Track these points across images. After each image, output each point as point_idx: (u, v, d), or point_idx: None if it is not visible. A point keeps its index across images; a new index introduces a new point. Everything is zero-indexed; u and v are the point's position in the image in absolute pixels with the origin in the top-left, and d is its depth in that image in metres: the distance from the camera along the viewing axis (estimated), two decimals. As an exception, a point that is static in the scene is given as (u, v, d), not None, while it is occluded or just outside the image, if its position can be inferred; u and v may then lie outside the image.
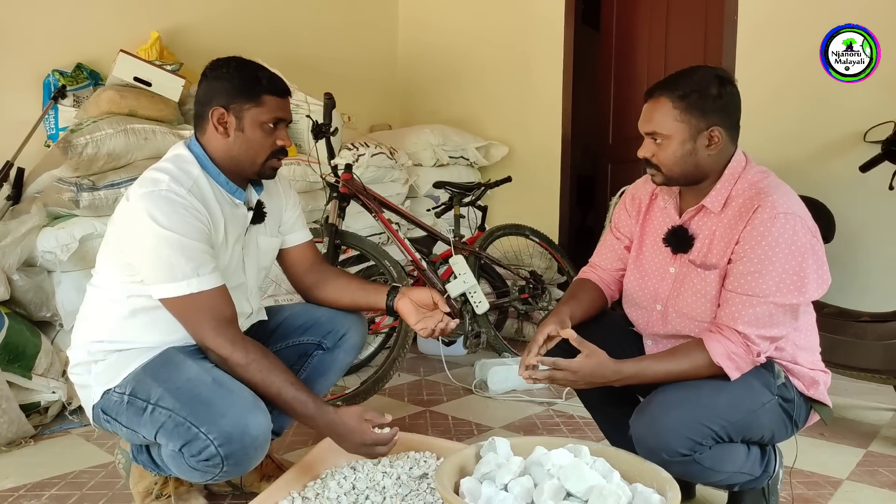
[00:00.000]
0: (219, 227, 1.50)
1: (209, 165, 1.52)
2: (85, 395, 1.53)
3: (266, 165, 1.55)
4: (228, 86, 1.49)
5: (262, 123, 1.50)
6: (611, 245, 1.70)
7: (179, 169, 1.48)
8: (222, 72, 1.50)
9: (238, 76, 1.49)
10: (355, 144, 3.30)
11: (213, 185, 1.52)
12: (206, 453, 1.33)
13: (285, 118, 1.54)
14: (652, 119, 1.44)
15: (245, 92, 1.48)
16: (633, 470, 1.29)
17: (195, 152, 1.53)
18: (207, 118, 1.51)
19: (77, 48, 3.01)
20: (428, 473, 1.59)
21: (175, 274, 1.39)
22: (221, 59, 1.54)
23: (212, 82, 1.51)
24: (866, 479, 1.87)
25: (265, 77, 1.50)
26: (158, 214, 1.38)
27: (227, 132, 1.50)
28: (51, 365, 2.28)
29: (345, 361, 1.74)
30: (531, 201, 4.09)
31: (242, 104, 1.49)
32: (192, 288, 1.40)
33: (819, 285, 1.37)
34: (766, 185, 1.41)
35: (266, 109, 1.50)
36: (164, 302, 1.43)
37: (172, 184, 1.43)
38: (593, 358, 1.37)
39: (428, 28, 4.57)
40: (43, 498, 1.73)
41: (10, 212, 2.58)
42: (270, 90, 1.50)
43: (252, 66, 1.52)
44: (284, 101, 1.54)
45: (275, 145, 1.53)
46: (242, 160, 1.53)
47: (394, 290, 1.68)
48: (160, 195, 1.40)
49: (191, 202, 1.43)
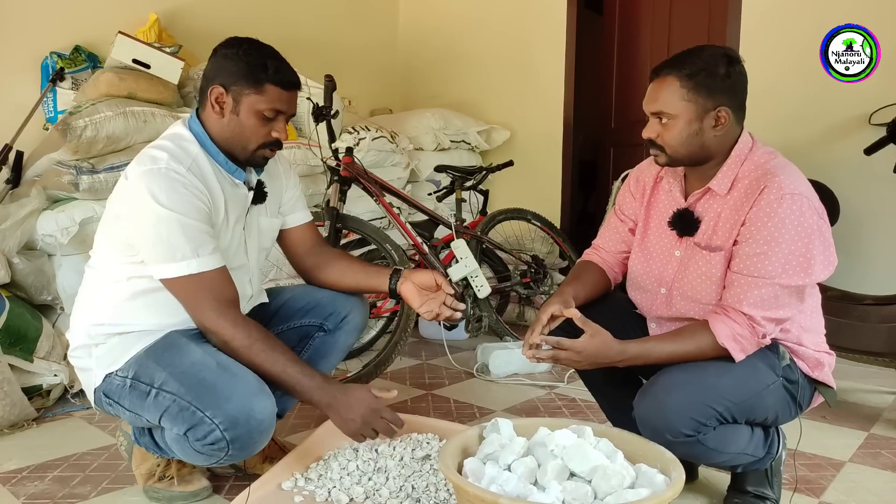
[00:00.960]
0: (219, 206, 1.49)
1: (208, 144, 1.50)
2: (86, 379, 1.52)
3: (256, 154, 1.51)
4: (234, 67, 1.46)
5: (259, 112, 1.47)
6: (614, 227, 1.69)
7: (178, 147, 1.46)
8: (232, 51, 1.47)
9: (246, 59, 1.45)
10: (356, 128, 3.28)
11: (213, 163, 1.50)
12: (212, 437, 1.33)
13: (285, 111, 1.50)
14: (658, 98, 1.42)
15: (248, 77, 1.45)
16: (636, 450, 1.29)
17: (194, 130, 1.51)
18: (207, 95, 1.49)
19: (75, 30, 2.98)
20: (430, 455, 1.59)
21: (175, 254, 1.38)
22: (237, 38, 1.50)
23: (220, 60, 1.48)
24: (868, 462, 1.87)
25: (273, 66, 1.46)
26: (159, 193, 1.37)
27: (222, 112, 1.48)
28: (52, 348, 2.28)
29: (346, 343, 1.73)
30: (533, 185, 4.08)
31: (243, 88, 1.46)
32: (192, 269, 1.39)
33: (825, 267, 1.36)
34: (773, 165, 1.40)
35: (266, 99, 1.46)
36: (165, 282, 1.42)
37: (172, 162, 1.41)
38: (597, 338, 1.36)
39: (429, 11, 4.53)
40: (46, 479, 1.73)
41: (9, 195, 2.57)
42: (275, 80, 1.46)
43: (264, 53, 1.47)
44: (289, 94, 1.49)
45: (269, 136, 1.50)
46: (233, 144, 1.50)
47: (396, 272, 1.67)
48: (160, 173, 1.39)
49: (190, 180, 1.41)
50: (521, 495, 1.14)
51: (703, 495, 1.64)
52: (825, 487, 1.70)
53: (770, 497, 1.52)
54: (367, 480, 1.50)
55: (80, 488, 1.68)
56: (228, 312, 1.42)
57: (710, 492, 1.65)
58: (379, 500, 1.43)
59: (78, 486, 1.69)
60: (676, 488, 1.12)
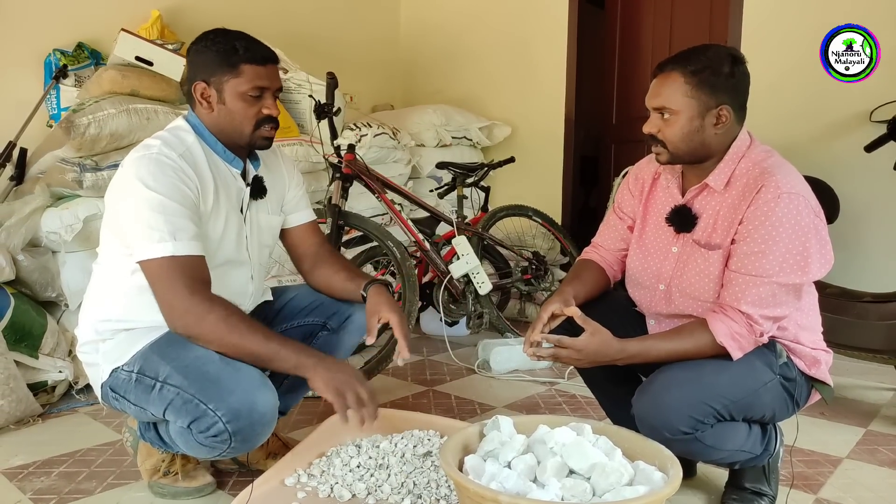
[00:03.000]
0: (208, 193, 1.49)
1: (206, 134, 1.52)
2: (93, 374, 1.54)
3: (256, 135, 1.52)
4: (207, 59, 1.47)
5: (243, 94, 1.47)
6: (613, 225, 1.70)
7: (173, 136, 1.49)
8: (202, 45, 1.49)
9: (215, 48, 1.47)
10: (358, 125, 3.29)
11: (209, 152, 1.52)
12: (215, 429, 1.34)
13: (267, 86, 1.50)
14: (661, 94, 1.43)
15: (222, 63, 1.46)
16: (635, 448, 1.30)
17: (192, 122, 1.54)
18: (193, 94, 1.51)
19: (78, 27, 2.99)
20: (432, 451, 1.61)
21: (152, 234, 1.37)
22: (204, 33, 1.51)
23: (193, 57, 1.50)
24: (866, 458, 1.89)
25: (242, 46, 1.46)
26: (146, 175, 1.38)
27: (211, 106, 1.50)
28: (57, 344, 2.30)
29: (350, 342, 1.73)
30: (534, 182, 4.08)
31: (221, 76, 1.47)
32: (168, 251, 1.36)
33: (822, 265, 1.37)
34: (770, 164, 1.41)
35: (245, 79, 1.47)
36: (142, 265, 1.39)
37: (164, 147, 1.43)
38: (597, 336, 1.38)
39: (431, 7, 4.53)
40: (52, 475, 1.75)
41: (13, 192, 2.59)
42: (248, 59, 1.46)
43: (231, 37, 1.48)
44: (266, 68, 1.49)
45: (260, 114, 1.50)
46: (230, 132, 1.52)
47: (370, 283, 1.63)
48: (150, 157, 1.41)
49: (180, 165, 1.43)
50: (521, 492, 1.16)
51: (702, 491, 1.66)
52: (822, 484, 1.72)
53: (767, 493, 1.53)
54: (370, 476, 1.51)
55: (86, 484, 1.70)
56: (203, 290, 1.39)
57: (709, 488, 1.67)
58: (381, 496, 1.45)
59: (84, 482, 1.71)
60: (674, 485, 1.14)
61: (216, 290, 1.43)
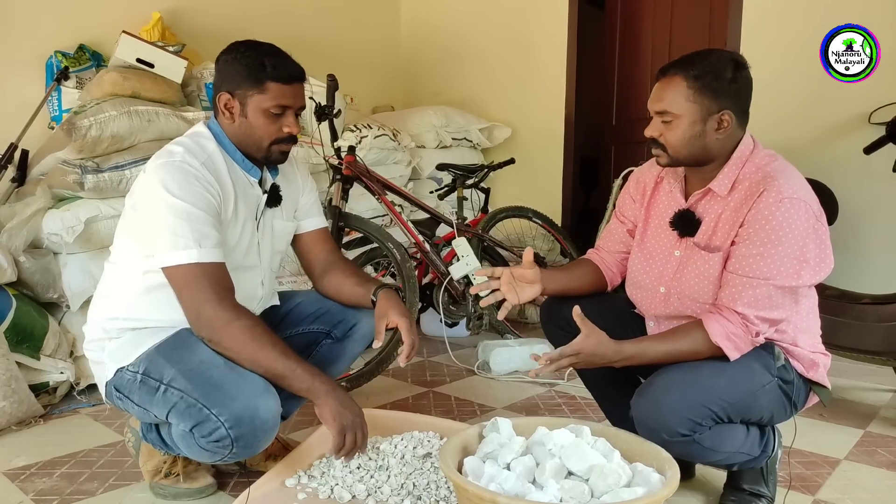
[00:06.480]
0: (228, 201, 1.51)
1: (226, 142, 1.54)
2: (99, 372, 1.56)
3: (272, 150, 1.54)
4: (234, 71, 1.49)
5: (265, 110, 1.49)
6: (614, 228, 1.72)
7: (195, 143, 1.50)
8: (231, 56, 1.50)
9: (244, 62, 1.48)
10: (358, 126, 3.29)
11: (229, 161, 1.54)
12: (217, 435, 1.35)
13: (290, 105, 1.51)
14: (663, 98, 1.43)
15: (249, 78, 1.48)
16: (633, 450, 1.31)
17: (213, 129, 1.55)
18: (217, 103, 1.53)
19: (79, 29, 3.00)
20: (431, 453, 1.62)
21: (178, 241, 1.39)
22: (236, 42, 1.52)
23: (221, 66, 1.52)
24: (864, 459, 1.89)
25: (271, 64, 1.48)
26: (171, 183, 1.40)
27: (232, 117, 1.52)
28: (58, 346, 2.31)
29: (354, 351, 1.73)
30: (534, 183, 4.09)
31: (247, 90, 1.49)
32: (193, 258, 1.39)
33: (820, 270, 1.38)
34: (773, 168, 1.41)
35: (269, 97, 1.48)
36: (166, 271, 1.41)
37: (187, 155, 1.45)
38: (593, 338, 1.39)
39: (431, 8, 4.54)
40: (54, 476, 1.76)
41: (15, 194, 2.60)
42: (275, 77, 1.48)
43: (261, 51, 1.49)
44: (291, 87, 1.51)
45: (280, 132, 1.52)
46: (248, 144, 1.54)
47: (380, 288, 1.63)
48: (174, 165, 1.43)
49: (203, 174, 1.45)
50: (520, 494, 1.17)
51: (700, 493, 1.66)
52: (820, 485, 1.72)
53: (766, 495, 1.54)
54: (369, 478, 1.52)
55: (88, 484, 1.71)
56: (230, 297, 1.42)
57: (707, 490, 1.68)
58: (381, 498, 1.46)
59: (85, 483, 1.72)
60: (672, 487, 1.15)
61: None
